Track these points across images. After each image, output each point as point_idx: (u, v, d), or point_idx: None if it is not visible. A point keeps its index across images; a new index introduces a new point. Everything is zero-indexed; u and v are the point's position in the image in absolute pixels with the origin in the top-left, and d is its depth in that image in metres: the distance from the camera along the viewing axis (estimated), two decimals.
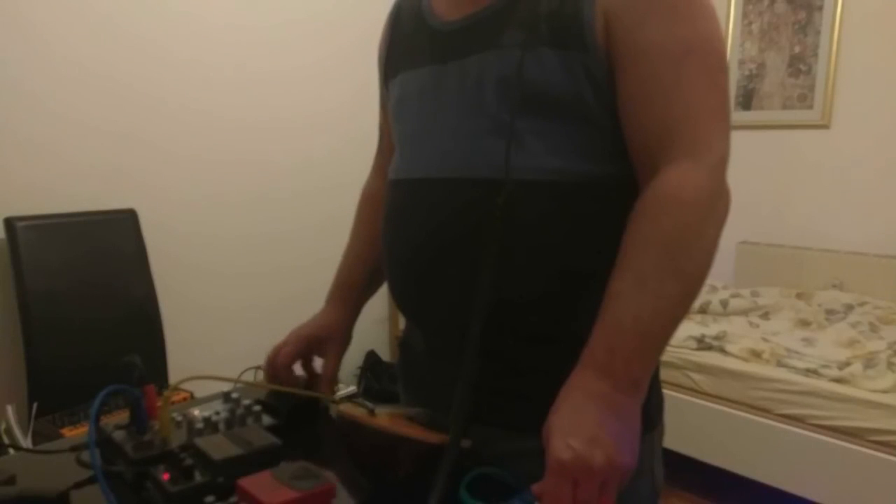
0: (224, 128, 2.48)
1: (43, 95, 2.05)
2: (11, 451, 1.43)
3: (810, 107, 2.85)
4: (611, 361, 0.66)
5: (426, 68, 0.84)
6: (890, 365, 2.05)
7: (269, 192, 2.63)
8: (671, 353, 2.29)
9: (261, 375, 2.62)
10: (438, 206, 0.80)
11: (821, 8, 2.77)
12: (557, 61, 0.73)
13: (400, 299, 0.90)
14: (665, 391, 0.91)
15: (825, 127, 2.82)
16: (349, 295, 1.07)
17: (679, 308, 0.68)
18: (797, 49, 2.86)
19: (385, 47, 0.96)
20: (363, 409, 0.74)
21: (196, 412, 0.83)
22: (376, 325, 3.06)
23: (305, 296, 2.78)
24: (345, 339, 1.07)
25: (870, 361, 2.06)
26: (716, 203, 0.70)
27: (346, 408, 0.75)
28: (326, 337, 1.03)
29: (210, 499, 0.65)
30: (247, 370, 2.51)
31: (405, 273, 0.86)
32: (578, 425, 0.64)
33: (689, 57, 0.69)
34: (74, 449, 0.81)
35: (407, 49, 0.89)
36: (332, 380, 1.00)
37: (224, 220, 2.52)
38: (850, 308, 2.53)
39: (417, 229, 0.82)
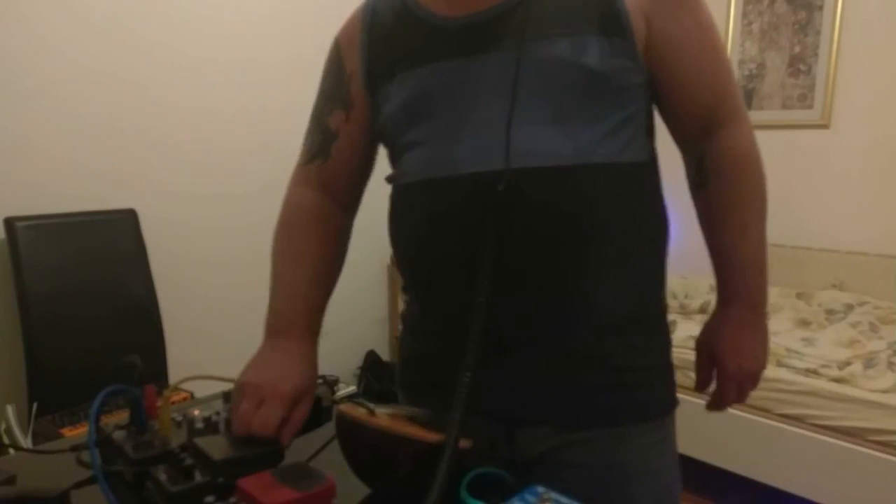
0: (225, 127, 2.48)
1: (43, 95, 2.05)
2: (11, 451, 1.44)
3: (810, 107, 2.84)
4: (751, 296, 0.89)
5: (443, 64, 0.82)
6: (890, 365, 2.05)
7: (269, 192, 2.63)
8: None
9: None
10: (510, 200, 0.77)
11: (821, 8, 2.77)
12: (603, 45, 0.77)
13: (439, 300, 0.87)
14: None
15: (825, 127, 2.82)
16: (307, 327, 0.91)
17: (764, 245, 0.88)
18: (797, 49, 2.86)
19: (362, 49, 0.91)
20: (363, 409, 0.74)
21: (196, 412, 0.83)
22: (376, 325, 3.06)
23: None
24: (312, 388, 0.87)
25: (870, 361, 2.06)
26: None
27: (346, 408, 0.75)
28: (310, 387, 0.85)
29: (210, 499, 0.65)
30: None
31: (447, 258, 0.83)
32: (742, 348, 0.89)
33: (712, 37, 0.83)
34: (74, 449, 0.81)
35: (400, 48, 0.86)
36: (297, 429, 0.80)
37: (224, 220, 2.51)
38: (850, 308, 2.53)
39: (469, 229, 0.79)
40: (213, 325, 2.50)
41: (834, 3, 2.73)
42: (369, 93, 0.91)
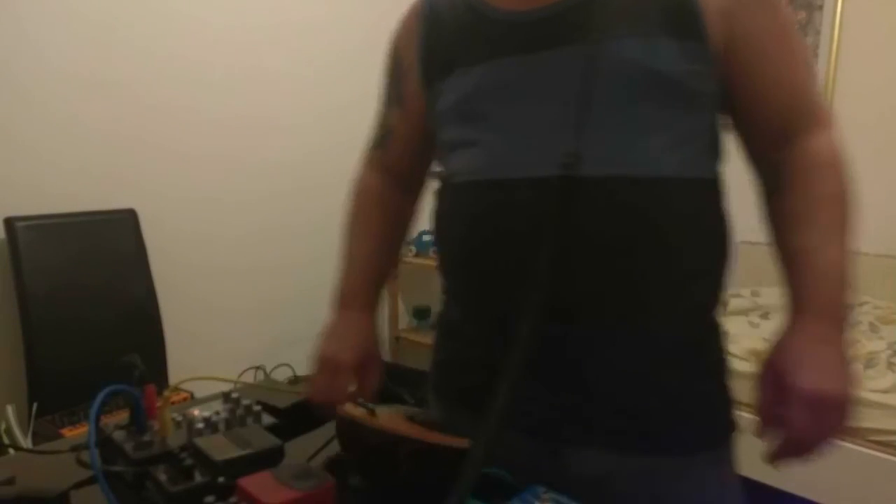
0: (224, 127, 2.48)
1: (43, 96, 2.05)
2: (11, 451, 1.44)
3: None
4: (829, 308, 0.74)
5: (501, 61, 0.78)
6: (890, 365, 2.05)
7: (269, 192, 2.63)
8: None
9: (261, 375, 2.61)
10: (540, 207, 0.74)
11: (821, 8, 2.77)
12: (677, 49, 0.72)
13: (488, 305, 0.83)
14: None
15: None
16: (367, 300, 0.98)
17: (850, 255, 0.77)
18: None
19: (420, 44, 0.89)
20: (363, 409, 0.74)
21: (196, 412, 0.83)
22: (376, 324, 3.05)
23: (306, 296, 2.78)
24: (378, 356, 0.98)
25: (870, 361, 2.06)
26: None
27: (347, 407, 0.75)
28: (373, 354, 0.96)
29: (210, 499, 0.65)
30: (247, 370, 2.53)
31: (503, 280, 0.79)
32: (820, 364, 0.72)
33: (794, 39, 0.77)
34: (74, 449, 0.81)
35: (459, 44, 0.83)
36: (371, 396, 0.92)
37: (224, 220, 2.51)
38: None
39: (523, 234, 0.76)
40: (213, 326, 2.50)
41: (834, 3, 2.73)
42: (425, 88, 0.88)
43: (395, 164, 0.99)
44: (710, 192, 0.80)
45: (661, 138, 0.73)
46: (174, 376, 2.17)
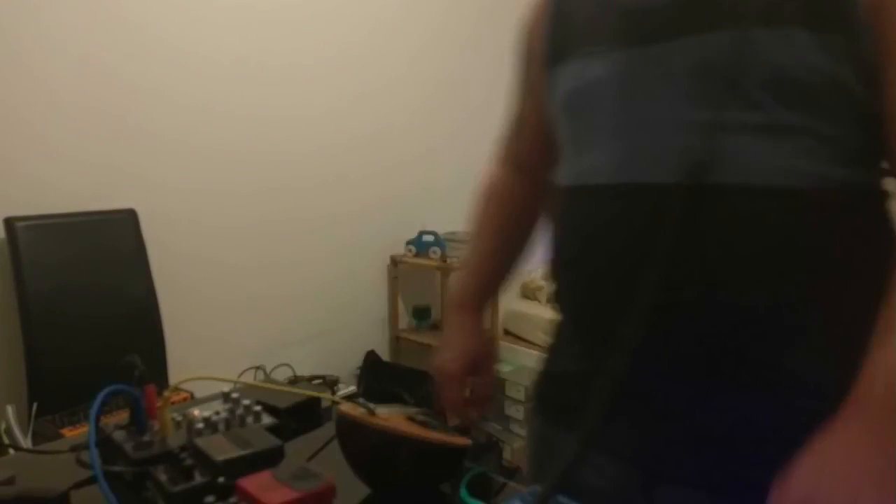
0: (224, 127, 2.48)
1: (42, 95, 2.05)
2: (11, 451, 1.44)
3: None
4: (882, 402, 0.55)
5: (618, 53, 0.70)
6: None
7: (269, 192, 2.63)
8: None
9: (261, 375, 2.61)
10: (661, 216, 0.65)
11: None
12: (813, 43, 0.60)
13: (591, 324, 0.76)
14: None
15: None
16: (478, 303, 0.97)
17: None
18: None
19: (547, 26, 0.82)
20: (363, 409, 0.74)
21: (196, 412, 0.83)
22: (376, 325, 3.06)
23: (307, 296, 2.78)
24: (492, 354, 0.98)
25: None
26: None
27: (347, 408, 0.75)
28: (486, 353, 0.96)
29: (210, 499, 0.65)
30: (247, 370, 2.52)
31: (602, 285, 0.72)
32: (839, 477, 0.55)
33: None
34: (74, 449, 0.81)
35: (583, 29, 0.76)
36: (488, 396, 0.95)
37: (224, 221, 2.51)
38: None
39: (630, 246, 0.68)
40: (213, 326, 2.50)
41: None
42: (546, 76, 0.81)
43: (526, 159, 0.94)
44: (862, 206, 0.66)
45: (799, 144, 0.62)
46: (174, 376, 2.17)
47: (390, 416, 0.75)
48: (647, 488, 0.70)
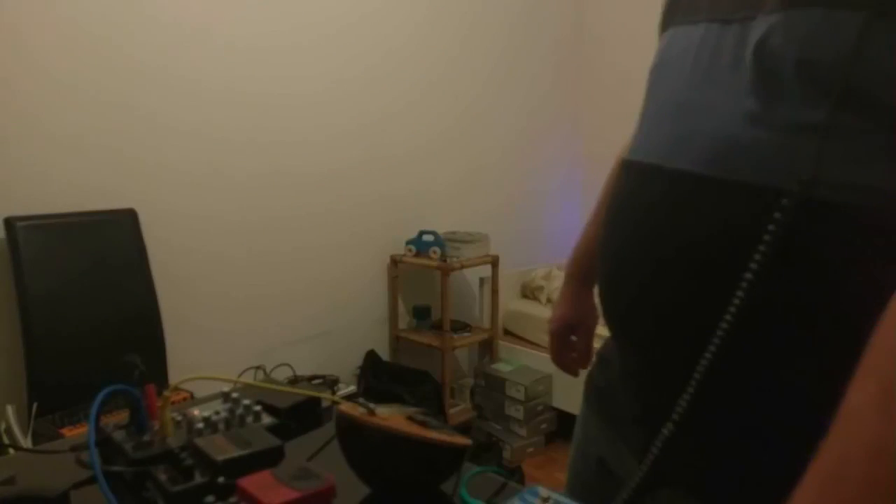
0: (226, 128, 2.48)
1: (43, 95, 2.05)
2: (11, 451, 1.43)
3: None
4: (837, 490, 0.45)
5: (700, 26, 0.63)
6: None
7: (269, 192, 2.63)
8: None
9: (261, 375, 2.62)
10: (696, 216, 0.59)
11: None
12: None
13: (616, 318, 0.71)
14: None
15: None
16: (587, 274, 1.07)
17: None
18: None
19: None
20: (363, 409, 0.74)
21: (196, 412, 0.83)
22: (376, 325, 3.06)
23: (307, 296, 2.78)
24: (595, 319, 1.10)
25: None
26: None
27: (346, 407, 0.75)
28: (583, 318, 1.09)
29: (210, 499, 0.65)
30: (247, 370, 2.52)
31: (629, 290, 0.66)
32: None
33: None
34: (74, 449, 0.81)
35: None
36: (585, 357, 1.10)
37: (224, 220, 2.51)
38: None
39: (660, 241, 0.62)
40: (213, 325, 2.50)
41: None
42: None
43: None
44: None
45: (860, 149, 0.52)
46: (174, 376, 2.17)
47: (390, 416, 0.74)
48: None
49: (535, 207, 3.68)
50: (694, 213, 0.59)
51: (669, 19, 0.71)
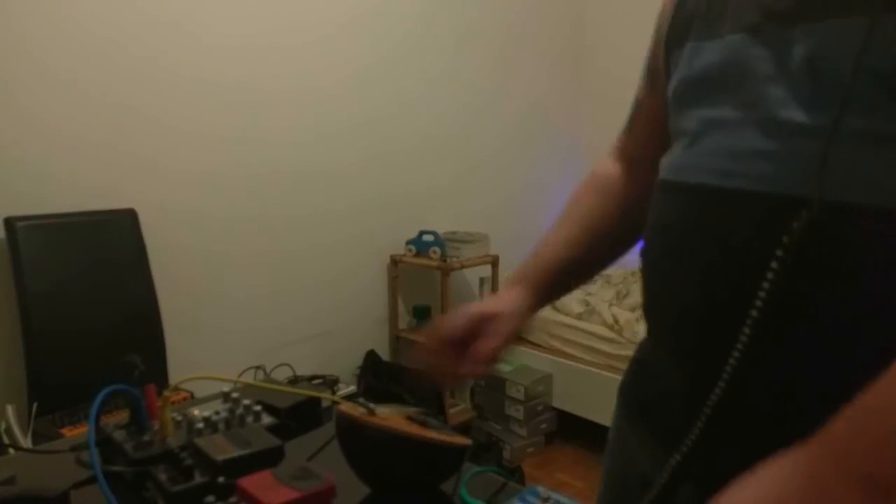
0: (225, 128, 2.48)
1: (43, 95, 2.05)
2: (11, 451, 1.44)
3: None
4: (850, 439, 0.44)
5: (729, 38, 0.63)
6: None
7: (269, 192, 2.63)
8: None
9: (261, 375, 2.62)
10: (731, 228, 0.59)
11: None
12: None
13: (672, 345, 0.69)
14: None
15: None
16: (534, 278, 0.87)
17: None
18: None
19: (673, 6, 0.74)
20: (363, 408, 0.74)
21: (196, 412, 0.83)
22: (376, 325, 3.06)
23: (307, 296, 2.78)
24: (512, 319, 0.83)
25: None
26: None
27: (346, 407, 0.75)
28: (492, 315, 0.82)
29: (210, 499, 0.65)
30: (247, 370, 2.52)
31: (686, 316, 0.64)
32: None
33: None
34: (74, 449, 0.81)
35: (704, 10, 0.68)
36: (484, 360, 0.79)
37: (224, 220, 2.51)
38: None
39: (689, 258, 0.63)
40: (213, 325, 2.50)
41: None
42: (666, 60, 0.74)
43: (637, 152, 0.87)
44: None
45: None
46: (174, 376, 2.17)
47: (390, 416, 0.75)
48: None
49: (536, 207, 3.68)
50: (743, 229, 0.58)
51: (683, 35, 0.70)
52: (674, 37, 0.72)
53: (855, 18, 0.52)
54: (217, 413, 0.83)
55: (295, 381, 2.49)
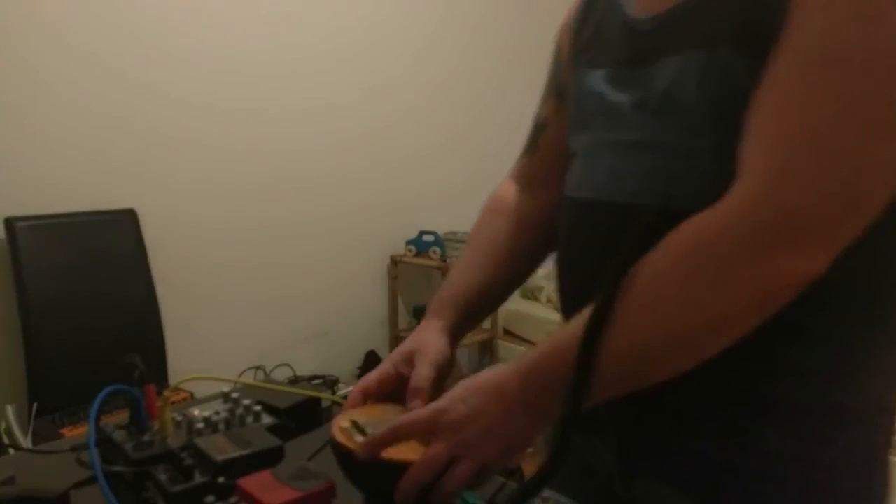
0: (225, 128, 2.48)
1: (43, 95, 2.05)
2: (11, 451, 1.44)
3: None
4: (529, 372, 0.61)
5: (607, 70, 0.71)
6: None
7: (269, 192, 2.63)
8: None
9: (261, 375, 2.61)
10: (605, 237, 0.68)
11: None
12: (741, 65, 0.57)
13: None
14: None
15: None
16: (449, 309, 0.86)
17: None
18: None
19: (572, 31, 0.79)
20: (355, 430, 0.69)
21: (196, 412, 0.83)
22: (376, 325, 3.06)
23: (307, 296, 2.78)
24: (437, 349, 0.81)
25: None
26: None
27: (338, 432, 0.70)
28: (415, 350, 0.81)
29: (210, 499, 0.65)
30: (247, 370, 2.53)
31: (571, 302, 0.74)
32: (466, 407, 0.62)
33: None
34: (74, 449, 0.81)
35: (595, 40, 0.74)
36: (421, 389, 0.76)
37: (224, 220, 2.52)
38: None
39: (578, 263, 0.73)
40: (213, 325, 2.50)
41: None
42: (571, 79, 0.79)
43: (545, 170, 0.87)
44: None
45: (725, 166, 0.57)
46: (174, 376, 2.17)
47: (389, 417, 0.74)
48: (626, 480, 0.70)
49: None
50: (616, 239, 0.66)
51: (578, 61, 0.77)
52: (574, 58, 0.78)
53: (699, 52, 0.60)
54: (217, 413, 0.83)
55: (295, 381, 2.49)
